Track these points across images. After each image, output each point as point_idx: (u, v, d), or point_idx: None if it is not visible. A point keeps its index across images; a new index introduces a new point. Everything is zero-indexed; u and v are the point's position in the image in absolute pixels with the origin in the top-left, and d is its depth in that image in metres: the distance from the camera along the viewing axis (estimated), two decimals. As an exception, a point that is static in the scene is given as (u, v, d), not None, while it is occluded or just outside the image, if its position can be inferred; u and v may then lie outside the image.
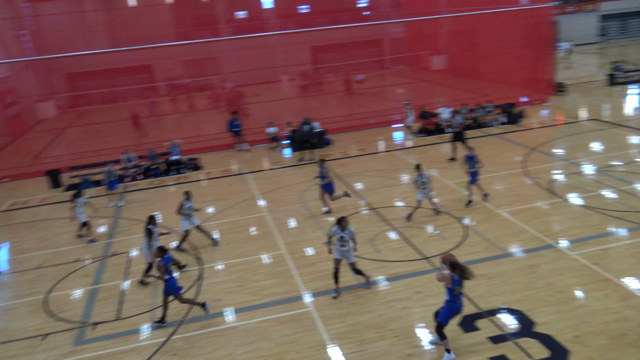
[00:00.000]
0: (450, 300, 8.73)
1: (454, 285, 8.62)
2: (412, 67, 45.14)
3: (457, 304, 8.74)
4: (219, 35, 38.53)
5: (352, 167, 20.21)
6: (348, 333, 9.87)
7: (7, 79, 32.76)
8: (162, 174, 21.60)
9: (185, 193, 14.07)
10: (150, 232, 12.26)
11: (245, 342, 9.93)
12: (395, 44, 47.34)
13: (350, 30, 41.31)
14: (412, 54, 44.53)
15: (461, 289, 8.69)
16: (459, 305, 8.76)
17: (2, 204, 19.91)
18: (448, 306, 8.77)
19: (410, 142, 23.02)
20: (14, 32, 35.36)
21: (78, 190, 15.64)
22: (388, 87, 39.62)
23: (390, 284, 11.44)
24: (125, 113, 30.91)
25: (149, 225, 12.36)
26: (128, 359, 9.79)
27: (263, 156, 23.06)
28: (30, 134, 33.10)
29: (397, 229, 14.16)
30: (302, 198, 17.24)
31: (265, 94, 37.17)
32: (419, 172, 14.24)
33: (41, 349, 10.36)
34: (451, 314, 8.83)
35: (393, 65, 47.54)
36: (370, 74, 41.91)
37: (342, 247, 10.86)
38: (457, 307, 8.77)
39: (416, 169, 14.35)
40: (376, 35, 46.33)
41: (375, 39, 46.86)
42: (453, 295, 8.68)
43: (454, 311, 8.80)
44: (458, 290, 8.67)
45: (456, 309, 8.78)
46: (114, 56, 38.18)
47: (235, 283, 12.18)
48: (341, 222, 10.85)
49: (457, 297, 8.70)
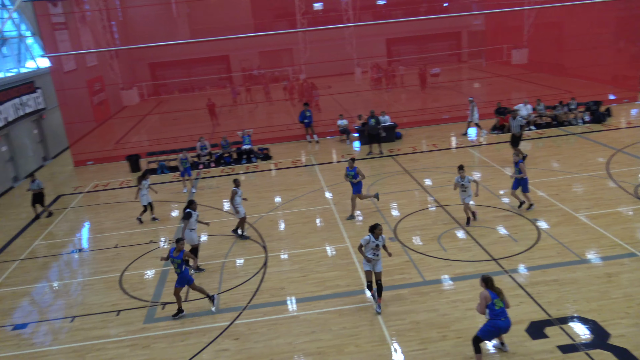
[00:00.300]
0: (492, 317, 8.24)
1: (493, 299, 8.20)
2: (491, 61, 43.51)
3: (500, 320, 8.22)
4: (295, 27, 38.89)
5: (421, 162, 19.81)
6: (409, 331, 9.70)
7: (95, 68, 34.78)
8: (233, 162, 22.17)
9: (235, 181, 14.33)
10: (189, 215, 12.58)
11: (305, 332, 10.01)
12: (474, 37, 45.78)
13: (427, 22, 40.38)
14: (492, 47, 42.93)
15: (501, 302, 8.22)
16: (502, 322, 8.22)
17: (86, 185, 21.20)
18: (490, 323, 8.27)
19: (483, 139, 22.26)
20: (104, 23, 37.43)
21: (143, 173, 16.37)
22: (464, 81, 38.46)
23: (455, 284, 11.12)
24: (201, 102, 31.96)
25: (188, 209, 12.69)
26: (193, 339, 10.13)
27: (332, 148, 23.10)
28: (113, 120, 34.99)
29: (465, 228, 13.74)
30: (369, 192, 17.09)
31: (338, 86, 37.17)
32: (461, 173, 13.51)
33: (114, 324, 10.95)
34: (494, 331, 8.32)
35: (470, 58, 46.06)
36: (446, 67, 40.83)
37: (374, 255, 10.29)
38: (501, 324, 8.23)
39: (459, 170, 13.61)
40: (454, 28, 44.97)
41: (453, 31, 45.52)
42: (494, 311, 8.21)
43: (497, 328, 8.26)
44: (498, 305, 8.20)
45: (499, 326, 8.24)
46: (193, 47, 39.54)
47: (298, 273, 12.29)
48: (375, 229, 10.18)
49: (500, 313, 8.20)
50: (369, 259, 10.26)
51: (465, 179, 13.43)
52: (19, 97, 23.34)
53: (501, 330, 8.34)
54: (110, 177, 22.01)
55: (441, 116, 26.25)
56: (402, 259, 12.44)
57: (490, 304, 8.21)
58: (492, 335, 8.41)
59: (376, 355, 9.14)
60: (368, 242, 10.18)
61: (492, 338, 8.52)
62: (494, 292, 8.21)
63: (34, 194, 17.54)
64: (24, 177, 22.99)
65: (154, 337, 10.36)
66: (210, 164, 22.12)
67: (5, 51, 24.60)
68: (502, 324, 8.24)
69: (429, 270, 11.81)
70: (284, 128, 26.49)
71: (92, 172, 23.03)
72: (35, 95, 25.06)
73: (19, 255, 15.04)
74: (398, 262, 12.24)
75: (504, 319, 8.24)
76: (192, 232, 12.60)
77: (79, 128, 28.41)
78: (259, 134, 24.06)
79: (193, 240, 12.67)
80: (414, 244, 13.13)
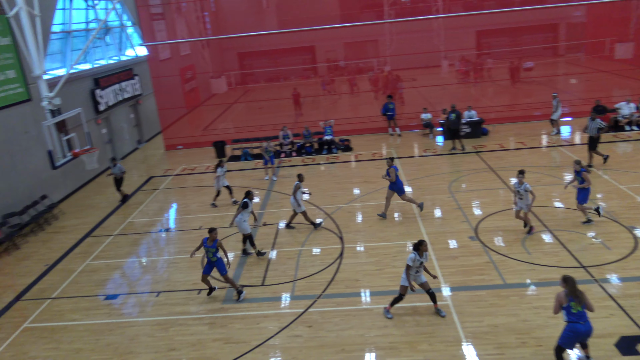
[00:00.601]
0: (569, 321, 7.77)
1: (569, 302, 7.69)
2: (590, 55, 40.73)
3: (579, 324, 7.71)
4: (382, 18, 38.45)
5: (507, 160, 19.00)
6: (486, 334, 9.38)
7: (188, 57, 36.36)
8: (314, 153, 22.40)
9: (299, 176, 14.48)
10: (247, 205, 12.84)
11: (378, 325, 9.95)
12: (573, 29, 43.02)
13: (522, 13, 38.42)
14: (592, 40, 40.12)
15: (579, 306, 7.67)
16: (581, 326, 7.71)
17: (175, 169, 22.29)
18: (569, 327, 7.79)
19: (557, 137, 20.99)
20: (197, 13, 38.96)
21: (220, 161, 16.93)
22: (559, 76, 36.32)
23: (539, 289, 10.60)
24: (286, 92, 32.50)
25: (245, 199, 12.90)
26: (268, 323, 10.39)
27: (414, 142, 22.70)
28: (203, 107, 36.45)
29: (553, 232, 13.03)
30: (451, 189, 16.67)
31: (423, 79, 36.41)
32: (519, 178, 12.59)
33: (195, 302, 11.45)
34: (574, 337, 7.81)
35: (568, 52, 43.37)
36: (540, 61, 38.73)
37: (416, 272, 9.81)
38: (580, 328, 7.72)
39: (518, 174, 12.67)
40: (551, 19, 42.43)
41: (549, 23, 43.04)
42: (572, 314, 7.72)
43: (577, 333, 7.76)
44: (576, 308, 7.67)
45: (578, 330, 7.74)
46: (280, 37, 40.20)
47: (374, 266, 12.23)
48: (421, 246, 9.59)
49: (579, 317, 7.70)
50: (411, 286, 9.80)
51: (522, 185, 12.56)
52: (119, 83, 24.90)
53: (581, 336, 7.84)
54: (197, 161, 22.99)
55: (532, 113, 24.98)
56: (482, 259, 12.02)
57: (567, 307, 7.76)
58: (572, 342, 7.93)
59: (450, 356, 8.92)
60: (414, 260, 9.64)
61: (573, 345, 8.02)
62: (573, 295, 7.71)
63: (115, 178, 18.10)
64: (120, 158, 24.57)
65: (231, 317, 10.73)
66: (291, 153, 22.50)
67: (109, 40, 26.29)
68: (582, 328, 7.75)
69: (510, 272, 11.33)
70: (366, 120, 26.38)
71: (181, 156, 24.17)
72: (133, 81, 26.62)
73: (113, 231, 16.11)
74: (478, 263, 11.85)
75: (584, 322, 7.74)
76: (245, 223, 12.89)
77: (171, 114, 29.88)
78: (340, 125, 24.12)
79: (245, 229, 12.96)
80: (495, 245, 12.64)
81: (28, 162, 17.57)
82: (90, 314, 11.44)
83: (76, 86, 21.05)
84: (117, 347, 10.11)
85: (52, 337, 10.68)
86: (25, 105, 17.60)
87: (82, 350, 10.13)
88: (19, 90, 17.27)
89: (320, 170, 20.20)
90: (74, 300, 12.11)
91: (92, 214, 17.71)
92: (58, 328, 11.00)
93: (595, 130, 17.08)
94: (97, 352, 10.02)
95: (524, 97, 29.28)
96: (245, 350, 9.61)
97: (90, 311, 11.55)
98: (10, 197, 16.50)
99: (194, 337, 10.18)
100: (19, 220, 16.41)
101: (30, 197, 17.46)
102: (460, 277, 11.33)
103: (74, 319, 11.28)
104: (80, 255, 14.60)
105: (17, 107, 17.20)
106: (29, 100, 17.72)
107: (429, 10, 38.78)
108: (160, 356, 9.71)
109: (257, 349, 9.63)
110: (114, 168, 18.11)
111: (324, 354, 9.33)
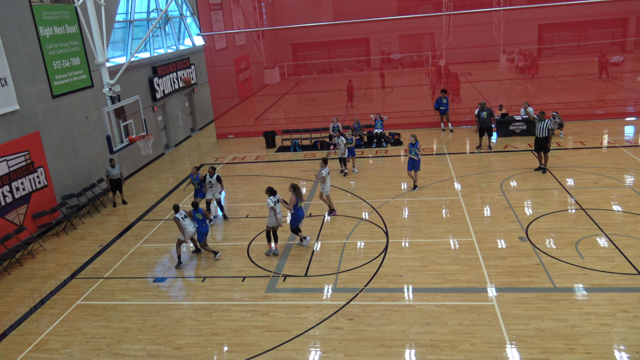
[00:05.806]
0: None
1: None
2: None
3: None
4: (440, 10, 37.65)
5: (564, 160, 18.25)
6: (531, 337, 9.08)
7: (243, 47, 36.83)
8: (363, 145, 22.25)
9: (323, 160, 15.13)
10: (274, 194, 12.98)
11: (420, 322, 9.82)
12: (643, 24, 40.75)
13: (588, 6, 36.61)
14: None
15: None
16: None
17: (225, 157, 22.71)
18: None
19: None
20: (254, 4, 39.39)
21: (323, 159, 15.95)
22: (626, 73, 34.49)
23: (590, 295, 10.15)
24: (338, 83, 32.41)
25: (272, 196, 12.84)
26: (309, 313, 10.45)
27: (466, 138, 22.17)
28: (255, 97, 36.91)
29: (609, 236, 12.44)
30: (502, 187, 16.19)
31: (479, 74, 35.44)
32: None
33: (239, 289, 11.66)
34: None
35: (637, 48, 41.10)
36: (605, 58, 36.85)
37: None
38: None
39: None
40: (621, 13, 40.29)
41: (618, 17, 40.87)
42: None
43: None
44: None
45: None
46: (335, 29, 40.11)
47: (418, 262, 12.07)
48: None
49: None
50: None
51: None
52: (176, 71, 25.55)
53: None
54: (247, 151, 23.32)
55: (594, 111, 23.88)
56: (532, 260, 11.63)
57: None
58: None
59: (492, 358, 8.70)
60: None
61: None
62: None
63: (111, 180, 17.34)
64: (174, 145, 25.27)
65: (274, 306, 10.85)
66: (361, 143, 22.30)
67: (168, 29, 26.99)
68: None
69: (561, 276, 10.91)
70: (418, 114, 25.97)
71: (232, 145, 24.58)
72: (190, 70, 27.24)
73: (163, 215, 16.61)
74: (527, 264, 11.48)
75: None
76: (272, 217, 12.84)
77: (224, 103, 30.41)
78: (391, 118, 23.83)
79: (274, 222, 12.94)
80: (546, 247, 12.20)
81: (88, 146, 18.33)
82: (139, 295, 11.86)
83: (135, 74, 21.76)
84: (162, 329, 10.44)
85: (102, 315, 11.15)
86: (88, 92, 18.36)
87: (130, 330, 10.52)
88: (82, 76, 18.03)
89: (369, 164, 20.06)
90: (124, 281, 12.59)
91: (145, 198, 18.32)
92: (109, 307, 11.47)
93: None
94: (144, 332, 10.38)
95: (586, 94, 27.95)
96: (286, 339, 9.71)
97: (139, 292, 11.97)
98: (70, 179, 17.30)
99: (236, 323, 10.37)
100: (77, 202, 17.19)
101: (88, 179, 18.24)
102: (507, 277, 11.01)
103: (124, 299, 11.72)
104: (132, 237, 15.14)
105: (80, 93, 17.97)
106: (91, 87, 18.49)
107: (490, 3, 37.62)
108: (202, 340, 9.96)
109: (297, 339, 9.70)
110: (113, 170, 17.33)
111: (363, 347, 9.30)
